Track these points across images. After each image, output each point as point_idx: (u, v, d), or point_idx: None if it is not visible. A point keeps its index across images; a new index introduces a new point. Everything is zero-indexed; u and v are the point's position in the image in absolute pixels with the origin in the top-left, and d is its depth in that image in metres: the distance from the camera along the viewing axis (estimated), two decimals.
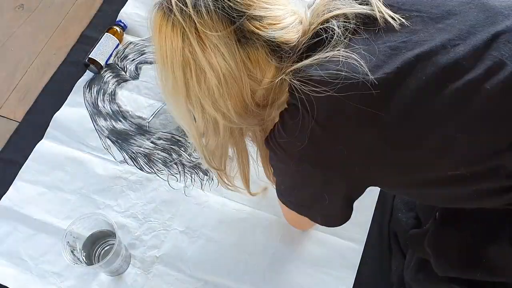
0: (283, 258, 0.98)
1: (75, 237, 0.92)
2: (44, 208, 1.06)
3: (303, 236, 1.00)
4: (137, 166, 1.10)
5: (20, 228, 1.05)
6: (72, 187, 1.09)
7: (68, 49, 1.30)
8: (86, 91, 1.21)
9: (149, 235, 1.02)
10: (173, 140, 1.13)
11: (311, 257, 0.98)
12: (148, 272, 0.99)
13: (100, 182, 1.09)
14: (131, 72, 1.23)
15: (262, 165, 0.83)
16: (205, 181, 1.07)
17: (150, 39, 1.28)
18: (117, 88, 1.21)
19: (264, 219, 1.02)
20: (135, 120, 1.16)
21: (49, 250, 1.02)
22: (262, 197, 1.01)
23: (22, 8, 1.39)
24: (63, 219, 1.04)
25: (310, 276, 0.96)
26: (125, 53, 1.26)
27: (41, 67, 1.28)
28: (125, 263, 0.98)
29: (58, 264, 1.00)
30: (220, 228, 1.02)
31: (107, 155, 1.12)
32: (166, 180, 1.08)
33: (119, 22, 1.29)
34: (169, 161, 1.10)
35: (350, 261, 0.97)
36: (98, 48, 1.23)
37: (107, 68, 1.24)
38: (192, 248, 1.00)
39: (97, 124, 1.16)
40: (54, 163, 1.12)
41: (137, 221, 1.04)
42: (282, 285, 0.96)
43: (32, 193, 1.08)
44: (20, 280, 0.99)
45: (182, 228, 1.02)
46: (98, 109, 1.18)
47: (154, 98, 1.18)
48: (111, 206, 1.06)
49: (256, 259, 0.98)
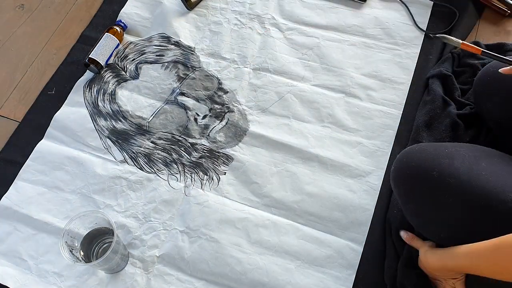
0: (283, 258, 0.98)
1: (72, 237, 0.92)
2: (44, 208, 1.07)
3: (303, 236, 1.00)
4: (137, 166, 1.10)
5: (20, 228, 1.05)
6: (72, 187, 1.09)
7: (68, 49, 1.30)
8: (86, 91, 1.21)
9: (149, 235, 1.02)
10: (173, 140, 1.13)
11: (311, 257, 0.98)
12: (148, 272, 0.99)
13: (100, 182, 1.09)
14: (131, 72, 1.23)
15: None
16: (205, 181, 1.07)
17: (150, 39, 1.28)
18: (117, 88, 1.21)
19: (264, 219, 1.02)
20: (135, 120, 1.16)
21: (49, 250, 1.02)
22: None
23: (22, 8, 1.39)
24: (63, 219, 1.04)
25: (310, 276, 0.96)
26: (125, 53, 1.26)
27: (41, 67, 1.28)
28: (123, 261, 0.98)
29: (58, 264, 1.00)
30: (220, 228, 1.02)
31: (107, 155, 1.12)
32: (166, 180, 1.08)
33: (119, 22, 1.30)
34: (169, 161, 1.10)
35: (350, 261, 0.97)
36: (98, 48, 1.23)
37: (107, 68, 1.24)
38: (192, 248, 1.00)
39: (97, 124, 1.16)
40: (54, 163, 1.12)
41: (137, 221, 1.04)
42: (282, 285, 0.96)
43: (32, 193, 1.09)
44: (20, 280, 0.99)
45: (182, 228, 1.02)
46: (98, 109, 1.18)
47: (154, 98, 1.18)
48: (111, 206, 1.06)
49: (256, 259, 0.98)
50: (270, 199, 1.04)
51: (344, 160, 1.07)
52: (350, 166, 1.06)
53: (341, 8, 1.29)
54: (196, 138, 1.13)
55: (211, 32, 1.28)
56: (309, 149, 1.09)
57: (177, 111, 1.16)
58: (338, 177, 1.06)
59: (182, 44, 1.26)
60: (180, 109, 1.16)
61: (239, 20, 1.29)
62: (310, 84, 1.18)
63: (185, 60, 1.24)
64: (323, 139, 1.11)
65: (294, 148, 1.10)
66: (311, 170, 1.07)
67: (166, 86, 1.20)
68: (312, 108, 1.15)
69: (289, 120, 1.13)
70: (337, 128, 1.12)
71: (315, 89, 1.17)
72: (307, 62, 1.21)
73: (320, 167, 1.07)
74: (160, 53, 1.25)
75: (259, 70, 1.21)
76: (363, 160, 1.07)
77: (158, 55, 1.25)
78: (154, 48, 1.26)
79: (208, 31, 1.28)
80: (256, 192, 1.05)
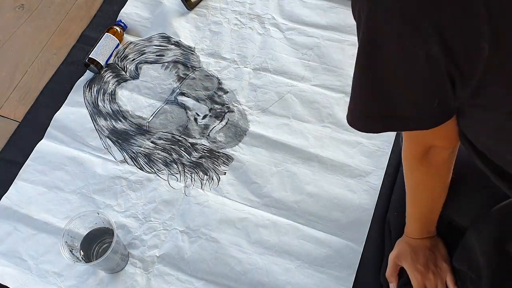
0: (283, 258, 0.98)
1: (72, 237, 0.92)
2: (44, 208, 1.07)
3: (303, 236, 1.00)
4: (137, 166, 1.10)
5: (20, 228, 1.05)
6: (72, 187, 1.09)
7: (68, 49, 1.30)
8: (86, 91, 1.21)
9: (149, 235, 1.02)
10: (173, 140, 1.13)
11: (311, 257, 0.98)
12: (148, 272, 0.99)
13: (100, 182, 1.09)
14: (131, 72, 1.23)
15: None
16: (205, 181, 1.07)
17: (150, 39, 1.28)
18: (117, 88, 1.21)
19: (264, 219, 1.02)
20: (135, 120, 1.16)
21: (49, 250, 1.02)
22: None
23: (22, 8, 1.39)
24: (63, 219, 1.04)
25: (310, 276, 0.96)
26: (125, 53, 1.26)
27: (41, 67, 1.28)
28: (123, 261, 0.98)
29: (58, 264, 1.00)
30: (220, 228, 1.02)
31: (107, 155, 1.12)
32: (166, 180, 1.08)
33: (119, 22, 1.29)
34: (169, 161, 1.10)
35: (350, 261, 0.97)
36: (98, 48, 1.23)
37: (107, 68, 1.24)
38: (192, 248, 1.00)
39: (97, 124, 1.16)
40: (54, 163, 1.12)
41: (137, 221, 1.04)
42: (282, 285, 0.96)
43: (32, 193, 1.09)
44: (20, 280, 0.99)
45: (182, 228, 1.02)
46: (98, 109, 1.18)
47: (154, 98, 1.18)
48: (111, 206, 1.06)
49: (256, 259, 0.98)
50: (270, 199, 1.04)
51: (344, 160, 1.07)
52: (350, 166, 1.06)
53: (341, 8, 1.29)
54: (196, 138, 1.13)
55: (211, 32, 1.28)
56: (309, 149, 1.09)
57: (177, 111, 1.16)
58: (338, 177, 1.06)
59: (182, 44, 1.26)
60: (180, 109, 1.16)
61: (239, 20, 1.29)
62: (310, 84, 1.18)
63: (185, 60, 1.24)
64: (323, 139, 1.10)
65: (294, 148, 1.10)
66: (311, 170, 1.07)
67: (166, 86, 1.20)
68: (312, 108, 1.15)
69: (289, 120, 1.13)
70: (337, 128, 1.12)
71: (315, 89, 1.17)
72: (307, 62, 1.21)
73: (320, 167, 1.07)
74: (160, 53, 1.25)
75: (259, 70, 1.21)
76: (363, 160, 1.07)
77: (158, 55, 1.25)
78: (154, 48, 1.26)
79: (208, 31, 1.28)
80: (256, 192, 1.05)
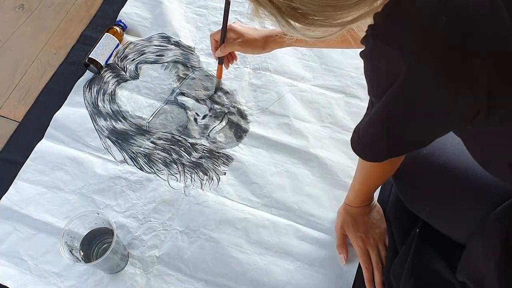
0: (283, 259, 0.98)
1: (72, 237, 0.92)
2: (44, 208, 1.07)
3: (303, 236, 1.00)
4: (137, 166, 1.10)
5: (20, 228, 1.05)
6: (72, 187, 1.09)
7: (68, 49, 1.30)
8: (86, 91, 1.21)
9: (149, 235, 1.02)
10: (173, 140, 1.13)
11: (311, 257, 0.98)
12: (148, 272, 0.99)
13: (100, 182, 1.09)
14: (131, 72, 1.23)
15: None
16: (205, 181, 1.07)
17: (149, 39, 1.28)
18: (117, 88, 1.21)
19: (264, 219, 1.02)
20: (135, 120, 1.16)
21: (49, 250, 1.02)
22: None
23: (22, 8, 1.39)
24: (63, 219, 1.04)
25: (309, 276, 0.96)
26: (125, 53, 1.26)
27: (41, 67, 1.28)
28: (123, 262, 0.98)
29: (58, 264, 1.00)
30: (220, 228, 1.02)
31: (107, 155, 1.12)
32: (166, 180, 1.08)
33: (119, 22, 1.29)
34: (169, 161, 1.10)
35: (350, 261, 0.97)
36: (98, 48, 1.23)
37: (107, 68, 1.24)
38: (192, 248, 1.00)
39: (97, 124, 1.16)
40: (54, 163, 1.12)
41: (137, 221, 1.04)
42: (282, 285, 0.96)
43: (32, 193, 1.09)
44: (19, 280, 0.99)
45: (182, 228, 1.02)
46: (98, 109, 1.18)
47: (154, 98, 1.18)
48: (111, 206, 1.06)
49: (256, 259, 0.98)
50: (270, 199, 1.04)
51: (344, 160, 1.07)
52: (350, 166, 1.06)
53: None
54: (196, 138, 1.12)
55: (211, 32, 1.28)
56: (309, 149, 1.09)
57: (177, 111, 1.16)
58: (338, 177, 1.06)
59: (182, 44, 1.26)
60: (180, 109, 1.16)
61: (239, 20, 1.29)
62: (310, 84, 1.18)
63: (185, 60, 1.24)
64: (323, 139, 1.10)
65: (294, 148, 1.09)
66: (311, 170, 1.07)
67: (166, 86, 1.20)
68: (312, 108, 1.15)
69: (289, 120, 1.13)
70: (337, 128, 1.12)
71: (315, 89, 1.17)
72: (307, 62, 1.21)
73: (320, 167, 1.07)
74: (160, 53, 1.25)
75: (259, 70, 1.21)
76: None
77: (158, 55, 1.25)
78: (154, 48, 1.26)
79: (208, 31, 1.28)
80: (256, 192, 1.05)
